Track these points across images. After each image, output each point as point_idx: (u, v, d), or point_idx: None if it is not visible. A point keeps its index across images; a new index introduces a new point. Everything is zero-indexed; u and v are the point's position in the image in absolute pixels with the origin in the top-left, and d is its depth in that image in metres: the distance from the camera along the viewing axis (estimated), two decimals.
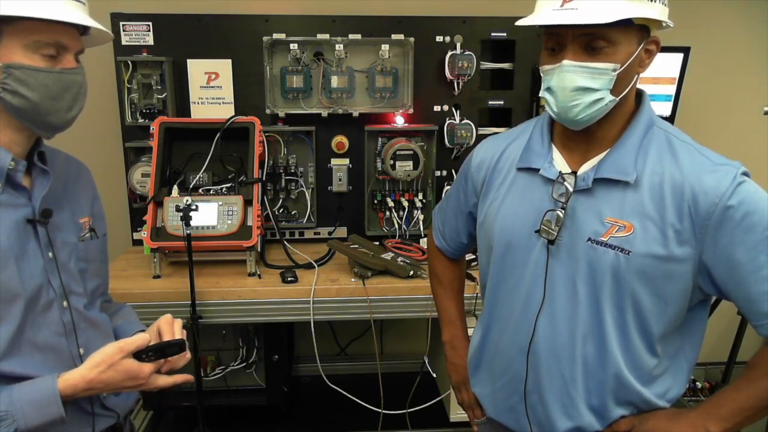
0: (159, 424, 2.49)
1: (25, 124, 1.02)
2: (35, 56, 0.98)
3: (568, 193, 1.06)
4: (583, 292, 1.07)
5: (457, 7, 2.42)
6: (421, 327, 2.82)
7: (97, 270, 1.21)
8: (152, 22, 2.26)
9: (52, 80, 1.00)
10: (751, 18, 2.66)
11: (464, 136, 2.36)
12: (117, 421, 1.19)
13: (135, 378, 1.04)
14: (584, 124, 1.04)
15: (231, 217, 1.98)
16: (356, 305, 1.97)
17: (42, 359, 1.04)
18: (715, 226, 0.99)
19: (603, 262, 1.04)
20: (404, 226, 2.42)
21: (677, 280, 1.03)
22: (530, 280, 1.12)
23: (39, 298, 1.04)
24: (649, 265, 1.02)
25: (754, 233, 0.98)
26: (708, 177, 1.00)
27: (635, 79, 1.05)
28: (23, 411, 0.94)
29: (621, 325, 1.06)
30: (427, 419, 2.22)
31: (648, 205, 1.02)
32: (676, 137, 1.07)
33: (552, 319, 1.10)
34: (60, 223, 1.10)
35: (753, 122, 2.70)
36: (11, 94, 0.98)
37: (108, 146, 2.46)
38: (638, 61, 1.03)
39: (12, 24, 0.95)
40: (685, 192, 1.00)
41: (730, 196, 0.98)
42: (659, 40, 1.04)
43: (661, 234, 1.01)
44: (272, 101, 2.31)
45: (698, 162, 1.03)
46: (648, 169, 1.04)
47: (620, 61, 0.99)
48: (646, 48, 1.02)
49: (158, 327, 1.18)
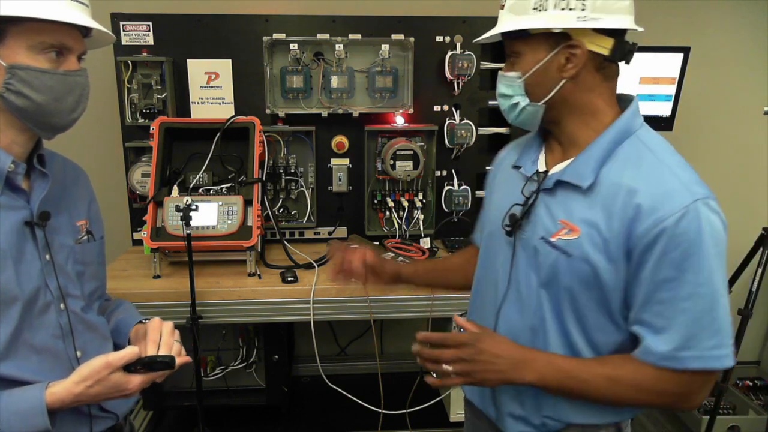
0: (159, 424, 2.49)
1: (27, 124, 1.02)
2: (39, 57, 0.98)
3: (536, 191, 1.11)
4: (533, 287, 1.11)
5: (457, 7, 2.42)
6: (421, 327, 2.83)
7: (95, 273, 1.20)
8: (152, 22, 2.25)
9: (56, 82, 1.00)
10: (751, 18, 2.66)
11: (464, 136, 2.36)
12: (116, 422, 1.19)
13: (122, 390, 1.02)
14: (526, 126, 1.14)
15: (231, 217, 1.98)
16: (356, 305, 1.97)
17: (39, 362, 1.03)
18: (644, 248, 0.97)
19: (546, 261, 1.07)
20: (404, 226, 2.42)
21: (616, 291, 1.02)
22: (500, 270, 1.18)
23: (36, 300, 1.04)
24: (585, 272, 1.02)
25: (678, 270, 0.95)
26: (660, 196, 0.97)
27: (561, 84, 1.05)
28: (8, 421, 0.94)
29: (561, 327, 1.08)
30: (427, 419, 2.22)
31: (598, 213, 1.02)
32: (650, 150, 1.03)
33: (510, 309, 1.16)
34: (57, 225, 1.10)
35: (753, 122, 2.70)
36: (15, 95, 0.97)
37: (108, 146, 2.46)
38: (556, 66, 1.04)
39: (16, 24, 0.95)
40: (632, 206, 0.98)
41: (673, 222, 0.94)
42: (583, 44, 1.02)
43: (603, 243, 1.01)
44: (272, 101, 2.31)
45: (659, 179, 0.99)
46: (609, 178, 1.03)
47: (524, 70, 1.07)
48: (570, 53, 1.02)
49: (146, 330, 1.14)
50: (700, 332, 0.96)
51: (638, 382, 1.01)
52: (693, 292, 0.95)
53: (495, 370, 1.06)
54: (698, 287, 0.95)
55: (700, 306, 0.96)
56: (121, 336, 1.23)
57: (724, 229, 0.97)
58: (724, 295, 0.98)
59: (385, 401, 2.05)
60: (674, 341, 0.97)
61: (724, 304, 0.98)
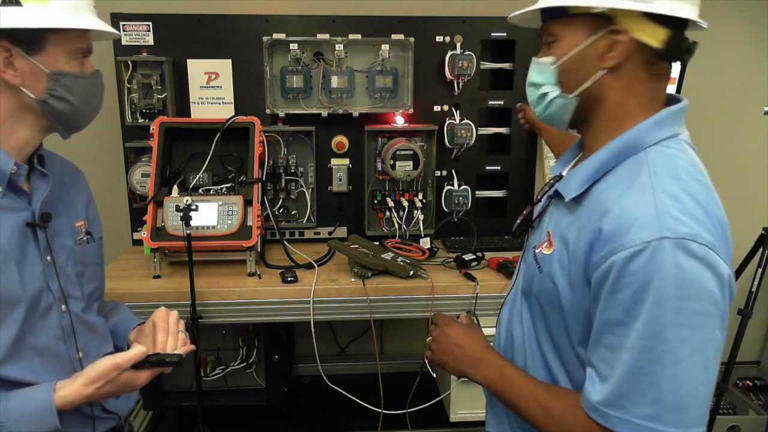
0: (159, 424, 2.49)
1: (56, 126, 1.06)
2: (74, 63, 1.03)
3: (545, 196, 1.10)
4: (519, 293, 1.11)
5: (457, 7, 2.42)
6: (421, 327, 2.83)
7: (94, 273, 1.21)
8: (152, 22, 2.25)
9: (87, 85, 1.06)
10: (751, 18, 2.66)
11: (464, 136, 2.36)
12: (118, 422, 1.19)
13: (132, 387, 1.04)
14: (555, 123, 1.01)
15: (231, 217, 1.98)
16: (356, 305, 1.97)
17: (42, 364, 1.03)
18: (598, 281, 0.85)
19: (528, 271, 1.07)
20: (404, 226, 2.42)
21: (576, 321, 0.93)
22: (517, 269, 1.20)
23: (39, 302, 1.04)
24: (551, 291, 0.96)
25: (626, 314, 0.82)
26: (623, 224, 0.83)
27: (598, 74, 0.92)
28: (18, 422, 0.94)
29: (537, 344, 1.04)
30: (427, 419, 2.22)
31: (574, 231, 0.92)
32: (649, 170, 0.87)
33: (505, 309, 1.19)
34: (58, 226, 1.10)
35: (753, 122, 2.70)
36: (58, 100, 1.02)
37: (108, 146, 2.46)
38: (595, 54, 0.90)
39: (55, 33, 0.99)
40: (596, 230, 0.86)
41: (624, 258, 0.81)
42: (629, 30, 0.88)
43: (568, 264, 0.92)
44: (272, 101, 2.31)
45: (634, 203, 0.84)
46: (596, 196, 0.92)
47: (558, 54, 0.94)
48: (613, 39, 0.89)
49: (153, 321, 1.16)
50: (634, 394, 0.82)
51: (564, 421, 0.92)
52: (635, 344, 0.81)
53: (453, 356, 1.12)
54: (642, 340, 0.80)
55: (640, 363, 0.81)
56: (119, 338, 1.24)
57: (713, 281, 0.79)
58: (682, 362, 0.79)
59: (385, 401, 2.04)
60: (605, 394, 0.85)
61: (679, 373, 0.79)
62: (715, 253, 0.80)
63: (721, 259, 0.81)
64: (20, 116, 1.02)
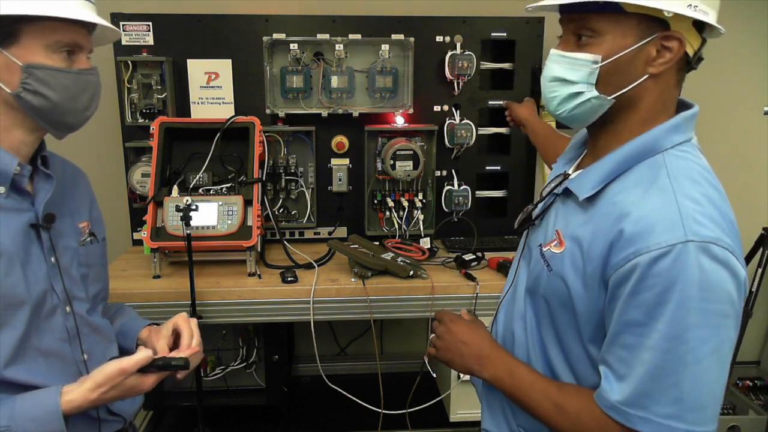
0: (159, 424, 2.49)
1: (41, 124, 1.02)
2: (54, 56, 0.99)
3: (551, 193, 1.07)
4: (522, 291, 1.10)
5: (457, 7, 2.42)
6: (421, 327, 2.83)
7: (98, 275, 1.20)
8: (152, 22, 2.25)
9: (71, 81, 1.01)
10: (751, 18, 2.66)
11: (464, 136, 2.36)
12: (123, 425, 1.19)
13: (138, 391, 1.04)
14: (575, 123, 0.97)
15: (231, 217, 1.98)
16: (356, 305, 1.97)
17: (47, 365, 1.03)
18: (617, 282, 0.85)
19: (535, 269, 1.05)
20: (404, 226, 2.42)
21: (589, 322, 0.93)
22: (514, 265, 1.19)
23: (44, 304, 1.03)
24: (562, 291, 0.95)
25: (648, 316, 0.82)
26: (646, 226, 0.83)
27: (642, 79, 0.89)
28: (25, 426, 0.94)
29: (540, 342, 1.04)
30: (427, 419, 2.22)
31: (588, 231, 0.92)
32: (669, 174, 0.88)
33: (505, 306, 1.17)
34: (61, 228, 1.10)
35: (753, 122, 2.70)
36: (32, 95, 0.98)
37: (108, 146, 2.46)
38: (644, 58, 0.88)
39: (31, 24, 0.95)
40: (615, 231, 0.86)
41: (649, 260, 0.81)
42: (682, 37, 0.87)
43: (582, 265, 0.91)
44: (272, 101, 2.30)
45: (656, 206, 0.84)
46: (611, 196, 0.91)
47: (604, 54, 0.88)
48: (662, 44, 0.87)
49: (175, 325, 1.19)
50: (656, 393, 0.83)
51: (580, 419, 0.92)
52: (657, 345, 0.82)
53: (459, 354, 1.10)
54: (665, 341, 0.81)
55: (663, 363, 0.82)
56: (127, 339, 1.24)
57: (732, 284, 0.81)
58: (701, 362, 0.81)
59: (385, 401, 2.04)
60: (626, 393, 0.85)
61: (699, 373, 0.81)
62: (734, 256, 0.82)
63: (739, 261, 0.83)
64: (8, 114, 0.99)
